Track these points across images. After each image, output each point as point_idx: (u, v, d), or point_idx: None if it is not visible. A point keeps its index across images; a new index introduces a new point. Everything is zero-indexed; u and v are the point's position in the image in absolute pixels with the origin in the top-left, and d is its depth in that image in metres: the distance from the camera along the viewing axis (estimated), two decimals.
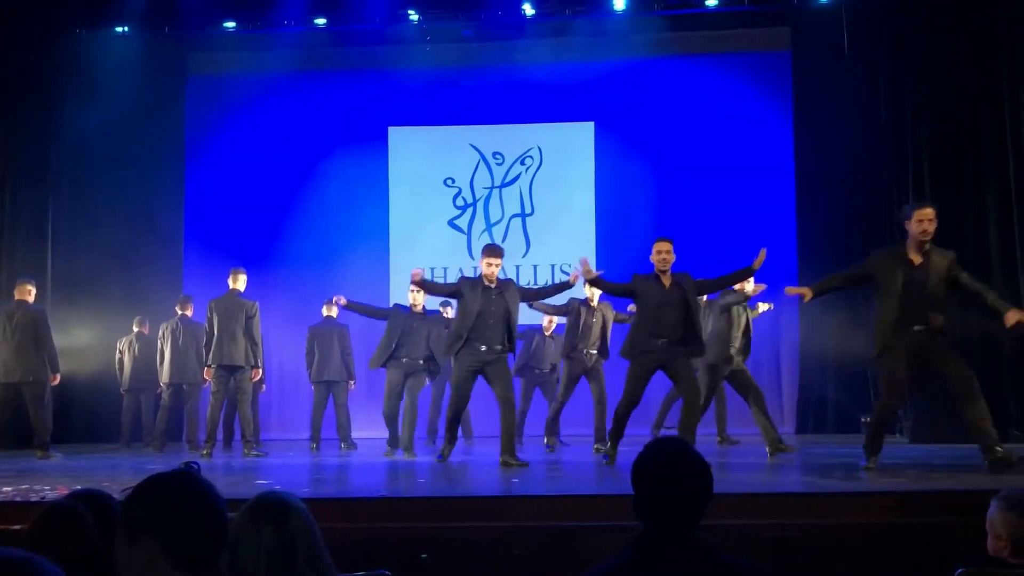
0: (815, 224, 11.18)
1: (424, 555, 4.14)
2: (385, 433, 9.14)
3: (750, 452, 8.24)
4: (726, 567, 2.12)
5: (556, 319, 10.11)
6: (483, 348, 7.50)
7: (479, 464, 7.77)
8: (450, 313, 9.72)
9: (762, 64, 11.93)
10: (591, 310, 9.18)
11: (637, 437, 7.40)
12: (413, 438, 8.72)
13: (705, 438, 8.63)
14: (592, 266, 7.75)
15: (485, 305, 7.46)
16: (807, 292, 6.69)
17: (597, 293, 9.05)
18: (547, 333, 10.19)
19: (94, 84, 11.21)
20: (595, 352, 9.19)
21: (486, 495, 5.26)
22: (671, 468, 2.22)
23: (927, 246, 6.20)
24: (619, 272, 11.51)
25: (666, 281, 7.11)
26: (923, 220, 6.16)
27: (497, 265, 7.60)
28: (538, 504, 4.88)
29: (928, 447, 8.58)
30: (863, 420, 10.89)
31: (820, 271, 10.91)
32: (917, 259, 6.21)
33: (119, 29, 11.69)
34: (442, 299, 9.75)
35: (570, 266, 11.80)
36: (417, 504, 4.98)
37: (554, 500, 5.00)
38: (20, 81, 11.15)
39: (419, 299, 9.09)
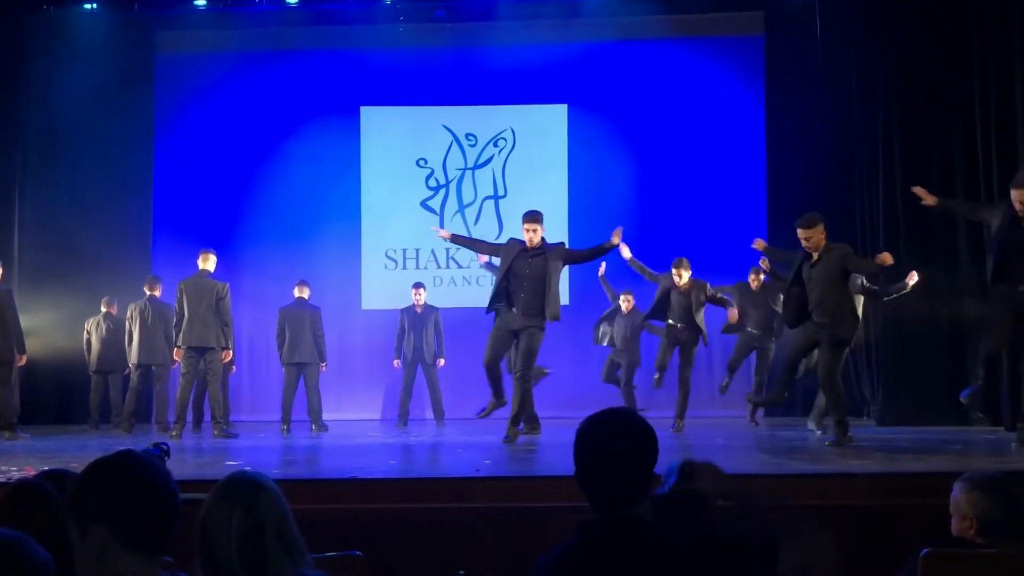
0: (785, 206, 11.18)
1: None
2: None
3: (719, 434, 8.30)
4: (673, 548, 2.08)
5: (632, 299, 10.33)
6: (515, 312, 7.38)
7: (450, 445, 7.78)
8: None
9: (736, 48, 11.95)
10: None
11: None
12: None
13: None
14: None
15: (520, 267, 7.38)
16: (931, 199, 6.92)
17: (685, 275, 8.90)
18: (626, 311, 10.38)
19: (62, 62, 11.08)
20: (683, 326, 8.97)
21: (456, 476, 5.27)
22: (606, 439, 2.17)
23: None
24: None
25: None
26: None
27: (535, 231, 7.38)
28: (507, 485, 4.90)
29: (895, 429, 8.68)
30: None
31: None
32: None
33: (87, 7, 11.53)
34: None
35: None
36: (388, 485, 4.99)
37: (523, 481, 5.02)
38: None
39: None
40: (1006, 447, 6.68)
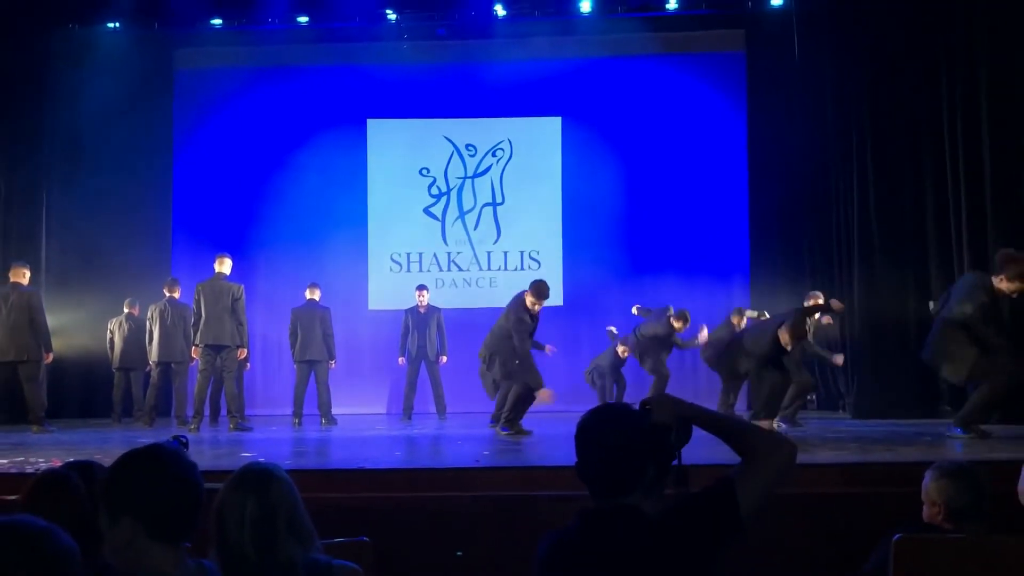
0: (766, 216, 11.24)
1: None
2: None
3: None
4: (651, 525, 2.08)
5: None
6: None
7: (451, 438, 7.78)
8: None
9: (718, 64, 11.96)
10: None
11: None
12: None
13: None
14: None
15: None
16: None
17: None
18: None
19: (87, 77, 11.03)
20: None
21: (457, 466, 5.28)
22: (603, 433, 2.17)
23: None
24: (584, 258, 11.65)
25: None
26: None
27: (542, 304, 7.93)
28: (505, 474, 4.91)
29: (869, 422, 8.68)
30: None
31: (771, 262, 11.06)
32: None
33: (110, 25, 11.54)
34: None
35: (538, 252, 11.92)
36: (393, 475, 4.99)
37: (519, 471, 5.03)
38: (14, 74, 10.98)
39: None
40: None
